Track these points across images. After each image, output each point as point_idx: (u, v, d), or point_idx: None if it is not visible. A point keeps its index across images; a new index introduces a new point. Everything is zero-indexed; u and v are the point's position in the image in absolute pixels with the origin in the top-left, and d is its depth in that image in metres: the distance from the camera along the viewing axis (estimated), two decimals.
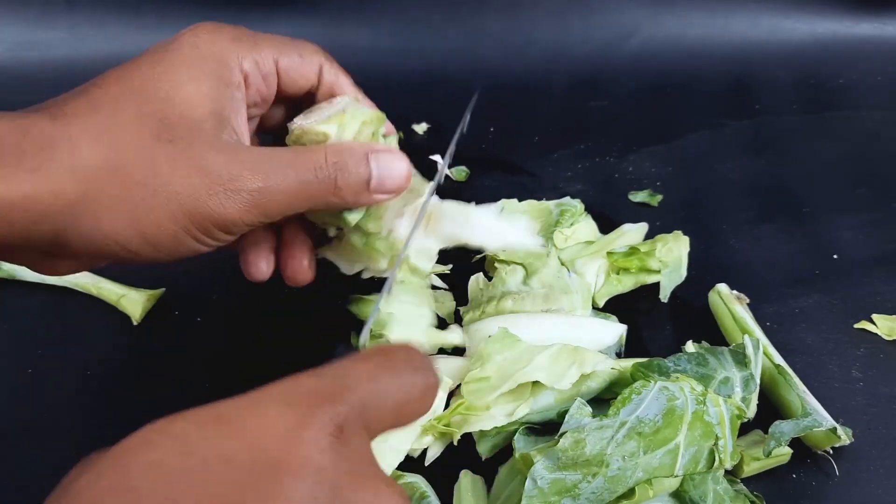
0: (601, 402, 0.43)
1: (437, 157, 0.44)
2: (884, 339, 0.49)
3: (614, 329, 0.48)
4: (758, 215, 0.60)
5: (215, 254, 0.38)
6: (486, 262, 0.52)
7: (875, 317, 0.51)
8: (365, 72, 0.78)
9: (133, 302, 0.53)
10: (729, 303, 0.49)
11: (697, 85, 0.76)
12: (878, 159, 0.66)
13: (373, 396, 0.26)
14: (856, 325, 0.50)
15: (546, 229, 0.56)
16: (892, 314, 0.51)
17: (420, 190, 0.43)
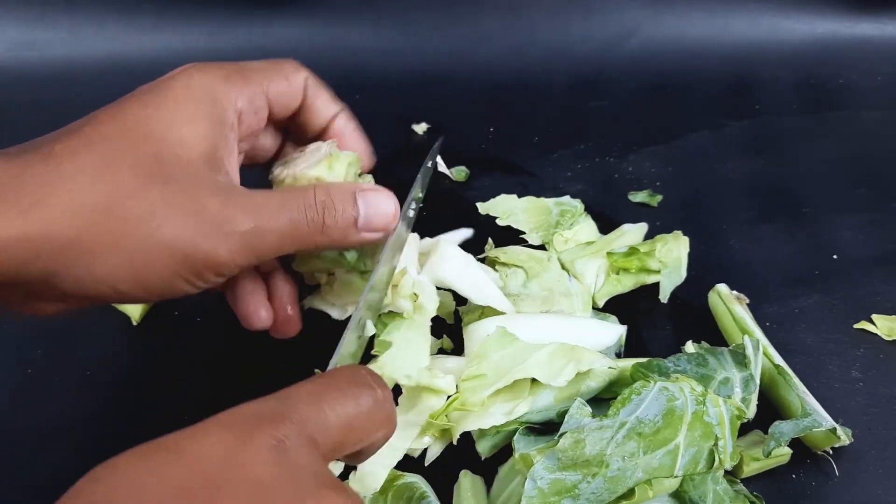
0: (601, 402, 0.43)
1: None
2: (884, 340, 0.50)
3: (614, 329, 0.48)
4: (758, 215, 0.60)
5: None
6: (487, 263, 0.52)
7: (875, 317, 0.51)
8: (365, 72, 0.79)
9: None
10: (729, 303, 0.49)
11: (697, 85, 0.76)
12: (878, 159, 0.65)
13: (314, 412, 0.27)
14: (856, 326, 0.50)
15: (546, 229, 0.56)
16: (892, 314, 0.51)
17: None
